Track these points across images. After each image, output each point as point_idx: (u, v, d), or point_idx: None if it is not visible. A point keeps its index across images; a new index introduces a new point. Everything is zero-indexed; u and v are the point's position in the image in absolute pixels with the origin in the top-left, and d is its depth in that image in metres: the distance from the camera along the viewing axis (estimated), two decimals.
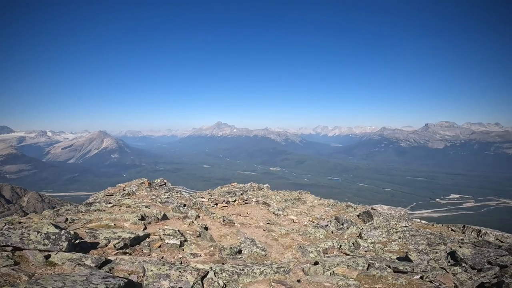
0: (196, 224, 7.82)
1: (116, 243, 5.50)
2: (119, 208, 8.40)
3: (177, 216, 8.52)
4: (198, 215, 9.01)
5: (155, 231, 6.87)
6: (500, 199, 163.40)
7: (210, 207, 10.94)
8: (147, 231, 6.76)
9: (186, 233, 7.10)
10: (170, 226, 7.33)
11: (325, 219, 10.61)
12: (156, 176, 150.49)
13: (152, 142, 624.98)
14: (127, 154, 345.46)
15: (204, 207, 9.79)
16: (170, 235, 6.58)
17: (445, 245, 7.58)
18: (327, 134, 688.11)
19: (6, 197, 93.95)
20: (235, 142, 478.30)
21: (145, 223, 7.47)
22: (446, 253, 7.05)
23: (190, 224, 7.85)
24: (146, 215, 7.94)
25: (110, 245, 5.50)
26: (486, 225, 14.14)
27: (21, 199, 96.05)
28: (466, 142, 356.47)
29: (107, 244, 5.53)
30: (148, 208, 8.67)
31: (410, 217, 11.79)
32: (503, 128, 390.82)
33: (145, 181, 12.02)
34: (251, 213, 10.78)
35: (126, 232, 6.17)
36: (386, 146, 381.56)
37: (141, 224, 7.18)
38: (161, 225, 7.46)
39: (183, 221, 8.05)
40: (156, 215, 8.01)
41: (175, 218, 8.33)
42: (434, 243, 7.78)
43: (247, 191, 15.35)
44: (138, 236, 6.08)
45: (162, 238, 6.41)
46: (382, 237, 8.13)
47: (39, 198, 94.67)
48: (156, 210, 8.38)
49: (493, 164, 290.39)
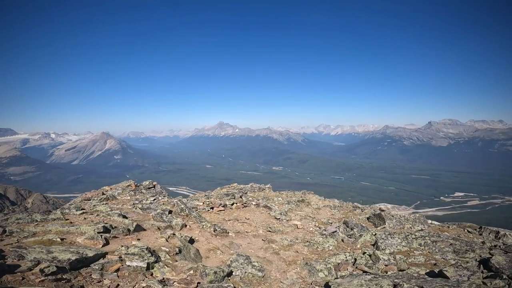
0: (179, 236, 6.59)
1: (45, 267, 4.05)
2: (87, 216, 7.17)
3: (157, 226, 7.20)
4: (185, 223, 7.83)
5: (116, 248, 5.37)
6: (505, 196, 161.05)
7: (204, 212, 9.94)
8: (106, 249, 5.35)
9: (160, 250, 5.69)
10: (141, 241, 6.02)
11: (332, 223, 9.59)
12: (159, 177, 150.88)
13: (154, 142, 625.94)
14: (130, 155, 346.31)
15: (195, 213, 8.60)
16: (135, 254, 5.02)
17: (473, 252, 6.59)
18: (330, 133, 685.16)
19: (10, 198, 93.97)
20: (237, 142, 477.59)
21: (108, 237, 5.98)
22: (477, 261, 6.08)
23: (170, 237, 6.51)
24: (114, 225, 6.51)
25: (35, 270, 4.02)
26: (492, 224, 13.22)
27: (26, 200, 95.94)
28: (470, 139, 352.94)
29: (32, 267, 4.07)
30: (121, 216, 7.31)
31: (426, 220, 10.76)
32: (507, 125, 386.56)
33: (132, 184, 11.00)
34: (250, 218, 9.76)
35: (70, 251, 4.69)
36: (389, 144, 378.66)
37: (100, 239, 5.62)
38: (130, 239, 6.05)
39: (162, 233, 6.67)
40: (127, 225, 6.63)
41: (153, 229, 6.98)
42: (460, 250, 6.76)
43: (247, 193, 14.36)
44: (85, 256, 4.64)
45: (123, 259, 4.90)
46: (402, 246, 7.05)
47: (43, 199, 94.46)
48: (128, 220, 7.02)
49: (498, 161, 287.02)
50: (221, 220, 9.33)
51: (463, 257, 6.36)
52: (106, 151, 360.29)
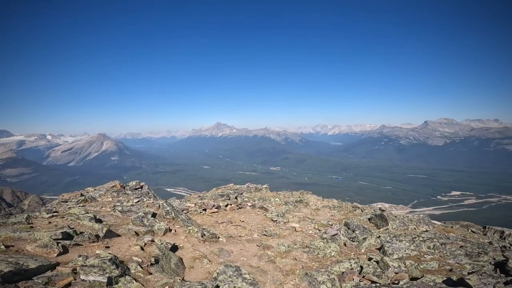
0: (158, 243, 5.79)
1: None
2: (54, 220, 6.34)
3: (136, 231, 6.37)
4: (170, 228, 7.09)
5: (73, 258, 4.49)
6: (502, 195, 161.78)
7: (196, 214, 9.32)
8: (61, 259, 4.46)
9: (130, 261, 4.75)
10: (110, 249, 5.15)
11: (332, 225, 9.03)
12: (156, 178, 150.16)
13: (152, 143, 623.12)
14: (127, 156, 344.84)
15: (184, 216, 7.92)
16: (94, 266, 4.08)
17: (486, 255, 6.08)
18: (327, 133, 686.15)
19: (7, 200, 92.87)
20: (235, 142, 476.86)
21: (68, 244, 5.04)
22: (492, 265, 5.58)
23: (148, 244, 5.65)
24: (80, 231, 5.64)
25: None
26: (489, 223, 12.86)
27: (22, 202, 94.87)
28: (466, 138, 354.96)
29: None
30: (94, 220, 6.43)
31: (430, 220, 10.27)
32: (502, 124, 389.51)
33: (117, 184, 10.32)
34: (245, 220, 9.15)
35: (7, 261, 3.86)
36: (386, 144, 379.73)
37: (55, 247, 4.69)
38: (96, 247, 5.21)
39: (139, 240, 5.79)
40: (97, 231, 5.79)
41: (129, 235, 6.12)
42: (473, 253, 6.24)
43: (242, 193, 13.75)
44: (24, 268, 3.78)
45: (77, 272, 4.00)
46: (411, 250, 6.44)
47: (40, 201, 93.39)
48: (99, 225, 6.13)
49: (494, 160, 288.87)
50: (213, 222, 8.72)
51: (476, 261, 5.85)
52: (102, 152, 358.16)
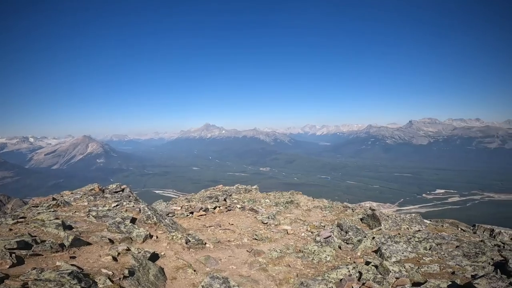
0: (135, 252, 5.14)
1: None
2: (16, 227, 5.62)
3: (110, 238, 5.73)
4: (151, 234, 6.49)
5: (26, 271, 3.82)
6: (484, 192, 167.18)
7: (182, 218, 8.82)
8: (12, 271, 3.95)
9: (99, 274, 4.12)
10: (76, 260, 4.57)
11: (325, 227, 8.74)
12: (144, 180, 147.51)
13: (139, 145, 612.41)
14: (114, 159, 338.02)
15: (168, 220, 7.38)
16: (49, 280, 3.47)
17: (484, 255, 5.90)
18: (315, 133, 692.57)
19: None
20: (224, 143, 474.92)
21: (25, 255, 4.41)
22: (492, 265, 5.39)
23: (122, 253, 4.98)
24: (42, 239, 4.97)
25: None
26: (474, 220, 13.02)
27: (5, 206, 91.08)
28: (449, 137, 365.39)
29: None
30: (61, 227, 5.71)
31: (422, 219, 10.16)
32: (483, 123, 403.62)
33: (96, 187, 9.65)
34: (234, 223, 8.73)
35: None
36: (372, 143, 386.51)
37: (7, 258, 4.11)
38: (59, 258, 4.62)
39: (112, 249, 5.12)
40: (62, 239, 5.09)
41: (102, 243, 5.46)
42: (470, 253, 6.05)
43: (231, 195, 13.34)
44: None
45: (28, 287, 3.46)
46: (409, 252, 6.17)
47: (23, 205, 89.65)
48: (65, 232, 5.43)
49: (475, 158, 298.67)
50: (200, 226, 8.25)
51: (476, 262, 5.64)
52: (88, 155, 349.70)
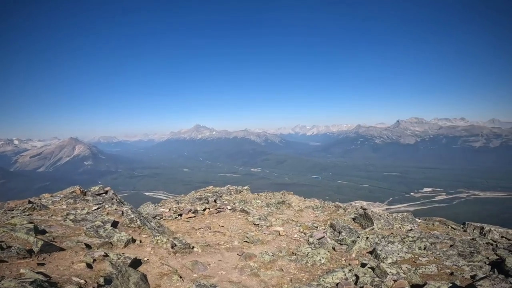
0: (114, 258, 4.72)
1: None
2: None
3: (88, 243, 5.29)
4: (134, 238, 6.06)
5: None
6: (470, 190, 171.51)
7: (170, 220, 8.47)
8: None
9: (69, 282, 3.74)
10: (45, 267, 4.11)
11: (318, 227, 8.57)
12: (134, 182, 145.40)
13: (128, 147, 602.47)
14: (102, 161, 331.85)
15: (154, 223, 7.02)
16: None
17: (479, 254, 5.82)
18: (306, 133, 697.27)
19: None
20: (214, 144, 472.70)
21: None
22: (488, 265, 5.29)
23: (98, 259, 4.55)
24: (9, 245, 4.50)
25: None
26: (460, 218, 13.23)
27: None
28: (435, 137, 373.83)
29: None
30: (32, 232, 5.18)
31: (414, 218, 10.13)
32: (468, 122, 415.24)
33: (77, 189, 9.15)
34: (224, 225, 8.44)
35: None
36: (361, 143, 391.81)
37: None
38: (25, 264, 4.17)
39: (88, 254, 4.68)
40: (31, 244, 4.69)
41: (77, 249, 4.98)
42: (465, 252, 5.97)
43: (222, 196, 13.03)
44: None
45: None
46: (404, 252, 6.00)
47: None
48: (34, 238, 4.93)
49: (461, 157, 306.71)
50: (189, 229, 7.91)
51: (472, 261, 5.55)
52: (75, 157, 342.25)
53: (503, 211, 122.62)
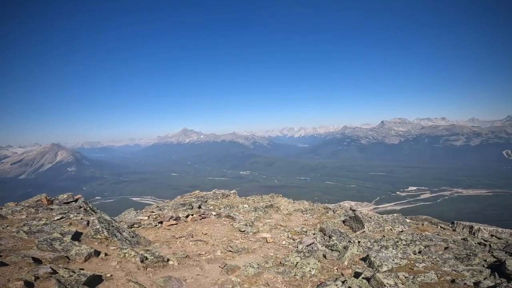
0: (64, 275, 3.96)
1: None
2: None
3: (37, 257, 4.55)
4: (97, 251, 5.32)
5: None
6: (453, 188, 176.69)
7: (149, 228, 7.84)
8: None
9: None
10: None
11: (307, 232, 8.15)
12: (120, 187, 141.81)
13: (113, 152, 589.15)
14: (86, 167, 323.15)
15: (127, 233, 6.31)
16: None
17: (475, 256, 5.54)
18: (293, 135, 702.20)
19: None
20: (203, 148, 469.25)
21: None
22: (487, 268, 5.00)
23: (43, 277, 3.77)
24: None
25: None
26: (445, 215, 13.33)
27: None
28: (418, 136, 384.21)
29: None
30: None
31: (405, 219, 9.90)
32: (449, 122, 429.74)
33: (43, 198, 8.33)
34: (208, 233, 7.89)
35: None
36: (348, 144, 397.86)
37: None
38: None
39: (30, 271, 3.91)
40: None
41: (22, 264, 4.25)
42: (460, 255, 5.68)
43: (207, 201, 12.44)
44: None
45: None
46: (399, 258, 5.60)
47: None
48: None
49: (443, 155, 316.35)
50: (169, 238, 7.31)
51: (470, 265, 5.25)
52: (57, 163, 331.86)
53: (485, 208, 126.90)
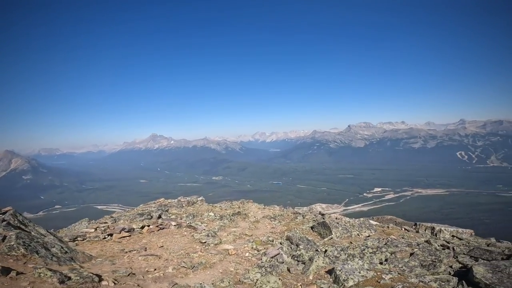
0: None
1: None
2: None
3: None
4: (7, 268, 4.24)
5: None
6: (414, 189, 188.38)
7: (96, 242, 6.86)
8: None
9: None
10: None
11: (273, 241, 7.67)
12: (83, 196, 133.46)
13: (74, 159, 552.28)
14: (44, 174, 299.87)
15: (57, 248, 5.11)
16: None
17: (441, 263, 5.36)
18: (265, 140, 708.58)
19: None
20: (173, 154, 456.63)
21: None
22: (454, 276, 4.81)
23: None
24: None
25: None
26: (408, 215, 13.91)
27: None
28: (381, 140, 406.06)
29: None
30: None
31: (371, 223, 9.85)
32: (408, 125, 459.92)
33: None
34: (164, 245, 7.09)
35: None
36: (318, 148, 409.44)
37: None
38: None
39: None
40: None
41: None
42: (426, 261, 5.49)
43: (168, 210, 11.52)
44: None
45: None
46: (366, 270, 5.24)
47: None
48: None
49: (403, 158, 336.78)
50: (117, 252, 6.41)
51: (437, 273, 5.05)
52: (12, 171, 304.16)
53: (443, 207, 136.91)
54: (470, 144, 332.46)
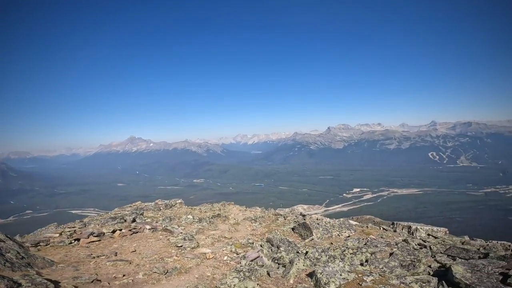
0: None
1: None
2: None
3: None
4: None
5: None
6: (390, 189, 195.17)
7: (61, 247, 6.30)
8: None
9: None
10: None
11: (253, 243, 7.43)
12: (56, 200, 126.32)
13: (46, 163, 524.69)
14: (13, 179, 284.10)
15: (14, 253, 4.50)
16: None
17: (419, 262, 5.35)
18: (247, 142, 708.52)
19: None
20: (152, 157, 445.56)
21: None
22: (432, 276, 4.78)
23: None
24: None
25: None
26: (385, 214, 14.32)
27: None
28: (359, 141, 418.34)
29: None
30: None
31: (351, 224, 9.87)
32: (384, 127, 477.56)
33: None
34: (137, 250, 6.64)
35: None
36: (299, 149, 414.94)
37: None
38: None
39: None
40: None
41: None
42: (405, 261, 5.45)
43: (143, 213, 10.96)
44: None
45: None
46: (347, 272, 5.10)
47: None
48: None
49: (380, 158, 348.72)
50: (82, 258, 5.90)
51: (417, 273, 5.00)
52: None
53: (418, 206, 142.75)
54: (441, 145, 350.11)
